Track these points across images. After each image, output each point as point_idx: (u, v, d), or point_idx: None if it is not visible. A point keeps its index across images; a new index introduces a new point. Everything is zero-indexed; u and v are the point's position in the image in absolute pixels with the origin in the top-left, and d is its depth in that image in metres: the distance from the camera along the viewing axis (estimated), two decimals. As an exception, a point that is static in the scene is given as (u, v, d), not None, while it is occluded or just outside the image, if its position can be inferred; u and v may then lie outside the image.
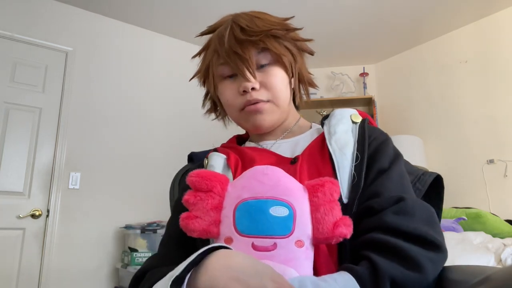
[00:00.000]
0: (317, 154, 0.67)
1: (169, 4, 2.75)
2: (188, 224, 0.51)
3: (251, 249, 0.49)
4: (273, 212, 0.49)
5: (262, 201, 0.50)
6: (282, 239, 0.49)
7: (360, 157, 0.63)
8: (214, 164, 0.68)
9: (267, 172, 0.54)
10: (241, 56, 0.66)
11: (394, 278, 0.47)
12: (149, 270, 0.59)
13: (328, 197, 0.52)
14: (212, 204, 0.52)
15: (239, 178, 0.55)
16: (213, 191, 0.52)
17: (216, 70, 0.71)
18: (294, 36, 0.73)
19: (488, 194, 2.72)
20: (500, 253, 1.66)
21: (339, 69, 3.68)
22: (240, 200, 0.51)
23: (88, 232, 2.57)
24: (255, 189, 0.51)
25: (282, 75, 0.71)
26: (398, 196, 0.56)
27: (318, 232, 0.50)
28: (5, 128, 2.42)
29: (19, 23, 2.56)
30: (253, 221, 0.49)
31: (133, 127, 2.89)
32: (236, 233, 0.50)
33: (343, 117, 0.71)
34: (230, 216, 0.51)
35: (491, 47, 2.86)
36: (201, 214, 0.51)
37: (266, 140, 0.76)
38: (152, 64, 3.08)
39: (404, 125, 3.36)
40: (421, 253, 0.50)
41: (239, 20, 0.69)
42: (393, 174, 0.61)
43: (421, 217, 0.54)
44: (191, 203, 0.53)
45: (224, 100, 0.72)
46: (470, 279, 0.46)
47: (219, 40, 0.69)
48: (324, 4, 2.77)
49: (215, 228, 0.51)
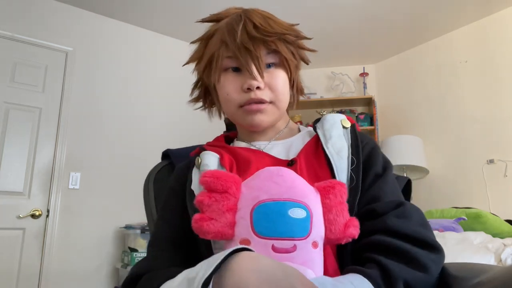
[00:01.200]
0: (312, 157, 0.68)
1: (169, 4, 2.75)
2: (203, 226, 0.50)
3: (271, 251, 0.48)
4: (292, 214, 0.49)
5: (280, 203, 0.50)
6: (301, 240, 0.49)
7: (356, 161, 0.65)
8: (209, 163, 0.67)
9: (281, 173, 0.53)
10: (252, 53, 0.65)
11: (406, 280, 0.49)
12: (144, 273, 0.57)
13: (339, 199, 0.53)
14: (228, 205, 0.51)
15: (253, 179, 0.55)
16: (228, 192, 0.52)
17: (222, 62, 0.69)
18: (301, 44, 0.74)
19: (488, 194, 2.72)
20: (500, 253, 1.65)
21: (339, 69, 3.68)
22: (258, 201, 0.51)
23: (88, 232, 2.57)
24: (271, 191, 0.51)
25: (285, 78, 0.71)
26: (398, 200, 0.60)
27: (331, 233, 0.52)
28: (5, 128, 2.42)
29: (19, 23, 2.56)
30: (272, 223, 0.49)
31: (133, 127, 2.89)
32: (254, 235, 0.49)
33: (335, 122, 0.72)
34: (247, 218, 0.50)
35: (491, 47, 2.86)
36: (216, 216, 0.50)
37: (257, 140, 0.75)
38: (152, 64, 3.08)
39: (404, 125, 3.36)
40: (425, 254, 0.52)
41: (252, 16, 0.68)
42: (388, 179, 0.65)
43: (417, 221, 0.57)
44: (206, 204, 0.51)
45: (223, 94, 0.70)
46: (471, 275, 0.48)
47: (229, 33, 0.67)
48: (324, 4, 2.77)
49: (229, 230, 0.51)
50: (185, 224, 0.62)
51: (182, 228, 0.63)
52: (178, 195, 0.68)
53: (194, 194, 0.63)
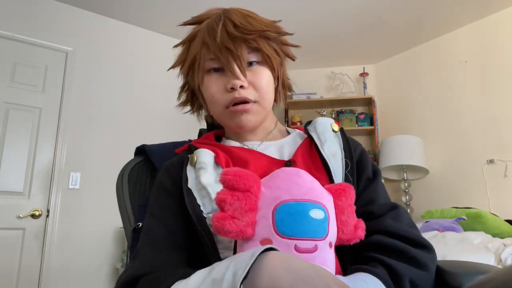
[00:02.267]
0: (308, 159, 0.68)
1: (169, 4, 2.76)
2: (225, 225, 0.49)
3: (293, 251, 0.49)
4: (313, 215, 0.50)
5: (302, 203, 0.51)
6: (321, 241, 0.50)
7: (350, 164, 0.67)
8: (205, 161, 0.65)
9: (300, 174, 0.54)
10: (233, 52, 0.65)
11: (411, 278, 0.52)
12: (143, 276, 0.55)
13: (349, 201, 0.55)
14: (250, 204, 0.51)
15: (271, 178, 0.55)
16: (250, 191, 0.51)
17: (204, 63, 0.69)
18: (283, 40, 0.73)
19: (488, 194, 2.72)
20: (500, 253, 1.65)
21: (339, 69, 3.68)
22: (280, 201, 0.51)
23: (88, 232, 2.57)
24: (292, 191, 0.51)
25: (269, 76, 0.71)
26: (392, 203, 0.64)
27: (343, 234, 0.53)
28: (5, 128, 2.42)
29: (19, 23, 2.56)
30: (295, 223, 0.49)
31: (133, 127, 2.89)
32: (276, 235, 0.49)
33: (326, 126, 0.74)
34: (268, 217, 0.50)
35: (491, 47, 2.86)
36: (239, 215, 0.50)
37: (248, 140, 0.75)
38: (152, 64, 3.08)
39: (404, 125, 3.36)
40: (422, 254, 0.55)
41: (232, 16, 0.68)
42: (379, 183, 0.69)
43: (408, 223, 0.61)
44: (228, 203, 0.50)
45: (209, 95, 0.70)
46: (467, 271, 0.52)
47: (210, 34, 0.67)
48: (324, 4, 2.77)
49: (250, 229, 0.50)
50: (183, 224, 0.62)
51: (180, 228, 0.62)
52: (172, 194, 0.66)
53: (192, 192, 0.62)
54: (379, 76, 3.68)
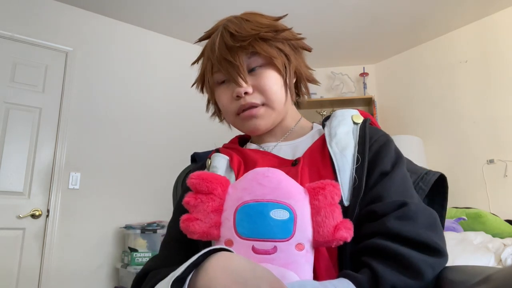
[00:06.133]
0: (318, 156, 0.66)
1: (169, 4, 2.75)
2: (189, 226, 0.51)
3: (251, 252, 0.49)
4: (274, 215, 0.49)
5: (262, 204, 0.50)
6: (282, 242, 0.49)
7: (361, 159, 0.62)
8: (217, 165, 0.69)
9: (268, 174, 0.53)
10: (232, 62, 0.66)
11: (394, 286, 0.48)
12: (151, 271, 0.59)
13: (329, 200, 0.52)
14: (213, 206, 0.52)
15: (240, 180, 0.55)
16: (213, 193, 0.52)
17: (211, 77, 0.72)
18: (287, 35, 0.71)
19: (488, 194, 2.72)
20: (500, 253, 1.66)
21: (339, 69, 3.68)
22: (241, 202, 0.51)
23: (88, 232, 2.57)
24: (255, 192, 0.51)
25: (275, 76, 0.70)
26: (401, 201, 0.56)
27: (319, 235, 0.50)
28: (5, 128, 2.42)
29: (19, 23, 2.55)
30: (253, 224, 0.49)
31: (133, 127, 2.89)
32: (236, 236, 0.50)
33: (344, 118, 0.70)
34: (230, 218, 0.51)
35: (491, 47, 2.86)
36: (202, 217, 0.51)
37: (267, 142, 0.76)
38: (152, 64, 3.08)
39: (404, 125, 3.36)
40: (422, 259, 0.50)
41: (229, 25, 0.69)
42: (395, 177, 0.61)
43: (424, 222, 0.54)
44: (192, 205, 0.53)
45: (221, 106, 0.74)
46: (469, 279, 0.46)
47: (211, 48, 0.70)
48: (324, 4, 2.77)
49: (215, 231, 0.51)
50: None
51: None
52: None
53: None
54: (379, 76, 3.68)
